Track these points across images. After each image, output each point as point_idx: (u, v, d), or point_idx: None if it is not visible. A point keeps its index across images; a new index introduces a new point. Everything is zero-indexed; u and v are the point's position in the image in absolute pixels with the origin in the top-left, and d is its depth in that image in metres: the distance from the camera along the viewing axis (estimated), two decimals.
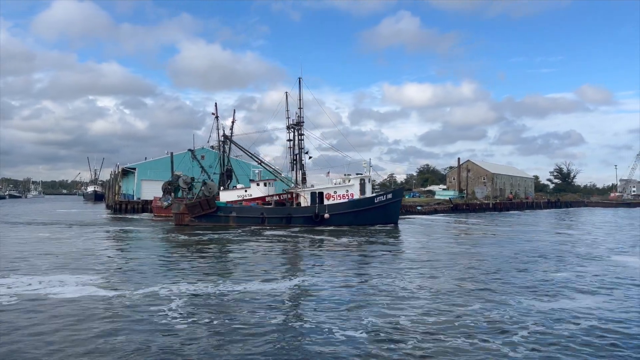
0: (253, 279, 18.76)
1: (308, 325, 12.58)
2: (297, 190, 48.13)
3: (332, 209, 44.60)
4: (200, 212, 44.63)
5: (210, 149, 70.32)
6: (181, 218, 44.88)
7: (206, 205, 45.22)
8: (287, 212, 45.42)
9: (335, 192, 46.43)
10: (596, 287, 17.61)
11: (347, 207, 45.36)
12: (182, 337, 11.51)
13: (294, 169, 51.20)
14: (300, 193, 47.59)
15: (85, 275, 18.95)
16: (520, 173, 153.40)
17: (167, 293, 15.93)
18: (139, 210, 71.92)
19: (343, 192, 46.16)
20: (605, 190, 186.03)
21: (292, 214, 45.23)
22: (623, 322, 13.00)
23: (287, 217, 44.92)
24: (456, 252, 27.90)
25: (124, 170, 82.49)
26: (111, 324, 12.50)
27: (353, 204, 45.66)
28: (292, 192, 50.43)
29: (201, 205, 45.10)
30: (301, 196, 47.21)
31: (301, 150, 50.37)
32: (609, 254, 27.72)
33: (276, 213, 45.48)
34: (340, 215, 44.64)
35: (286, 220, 44.73)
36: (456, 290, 16.92)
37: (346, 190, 46.24)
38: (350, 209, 45.29)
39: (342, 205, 45.37)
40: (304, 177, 50.83)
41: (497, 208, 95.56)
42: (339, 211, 44.78)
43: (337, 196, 46.11)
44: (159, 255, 26.17)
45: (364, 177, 47.10)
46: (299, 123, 50.38)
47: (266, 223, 44.22)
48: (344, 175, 49.26)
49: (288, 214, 45.23)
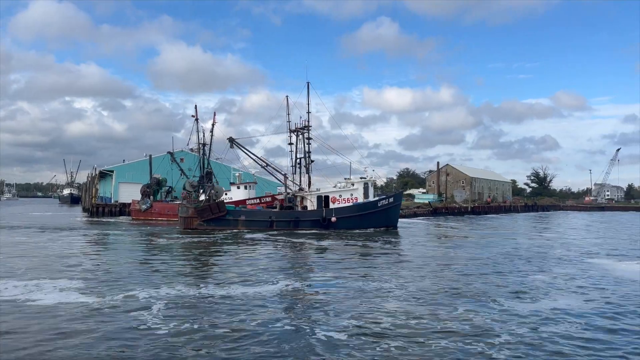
0: (237, 282, 18.57)
1: (288, 327, 12.50)
2: (303, 194, 48.42)
3: (338, 213, 45.13)
4: (210, 215, 44.40)
5: (190, 152, 69.54)
6: (190, 222, 44.46)
7: (216, 208, 44.85)
8: (295, 216, 45.74)
9: (341, 195, 47.08)
10: (574, 289, 17.91)
11: (353, 211, 45.98)
12: (162, 342, 11.30)
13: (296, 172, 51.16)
14: (306, 197, 47.99)
15: (63, 280, 18.51)
16: (498, 177, 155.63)
17: (147, 297, 15.66)
18: (116, 214, 70.74)
19: (347, 196, 46.93)
20: (580, 194, 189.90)
21: (300, 218, 45.54)
22: (602, 322, 13.23)
23: (295, 220, 45.24)
24: (437, 255, 28.10)
25: (101, 172, 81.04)
26: (90, 329, 12.22)
27: (358, 207, 46.38)
28: (272, 195, 50.26)
29: (211, 208, 44.72)
30: (307, 200, 47.66)
31: (309, 154, 50.62)
32: (585, 256, 28.25)
33: (284, 217, 45.69)
34: (346, 218, 45.19)
35: (294, 223, 44.99)
36: (439, 292, 17.01)
37: (350, 194, 46.99)
38: (356, 213, 45.95)
39: (348, 209, 45.99)
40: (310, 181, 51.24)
41: (476, 211, 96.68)
42: (345, 215, 45.28)
43: (342, 200, 46.75)
44: (139, 259, 25.73)
45: (367, 181, 47.84)
46: (306, 127, 50.26)
47: (274, 227, 44.40)
48: (344, 179, 50.03)
49: (296, 218, 45.52)
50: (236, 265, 23.71)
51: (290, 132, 51.16)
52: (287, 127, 52.28)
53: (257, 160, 49.49)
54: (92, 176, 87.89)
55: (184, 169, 68.15)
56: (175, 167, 67.22)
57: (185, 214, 44.94)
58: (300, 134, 50.09)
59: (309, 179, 50.41)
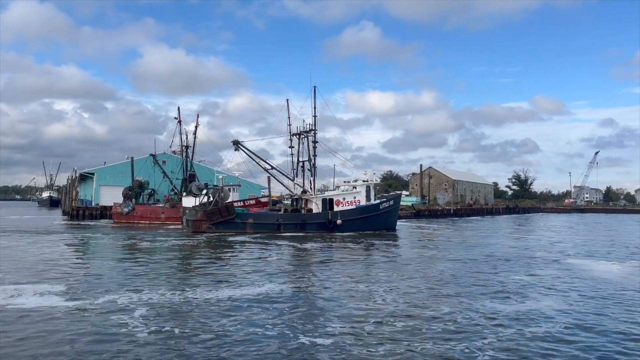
0: (223, 285, 18.44)
1: (271, 332, 12.45)
2: (308, 197, 48.83)
3: (343, 215, 45.70)
4: (219, 218, 44.19)
5: (172, 154, 68.90)
6: (199, 225, 44.06)
7: (225, 211, 44.68)
8: (301, 219, 46.26)
9: (344, 198, 47.66)
10: (556, 290, 18.20)
11: (357, 213, 46.67)
12: (143, 346, 11.16)
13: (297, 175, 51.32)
14: (311, 199, 48.52)
15: (44, 285, 18.17)
16: (480, 180, 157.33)
17: (128, 301, 15.46)
18: (97, 217, 69.70)
19: (351, 199, 47.56)
20: (560, 196, 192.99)
21: (307, 220, 46.02)
22: (582, 322, 13.45)
23: (302, 223, 45.74)
24: (421, 258, 28.28)
25: (81, 175, 79.78)
26: (71, 334, 12.02)
27: (362, 210, 47.10)
28: (256, 198, 50.12)
29: (220, 212, 44.50)
30: (312, 202, 48.12)
31: (314, 157, 50.99)
32: (565, 257, 28.71)
33: (291, 219, 46.27)
34: (350, 221, 45.80)
35: (300, 226, 45.43)
36: (424, 294, 17.11)
37: (353, 197, 47.66)
38: (359, 215, 46.70)
39: (352, 211, 46.68)
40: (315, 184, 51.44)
41: (458, 214, 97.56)
42: (349, 217, 45.95)
43: (346, 202, 47.40)
44: (120, 263, 25.39)
45: (369, 184, 48.58)
46: (311, 130, 50.43)
47: (282, 229, 44.63)
48: (344, 182, 50.67)
49: (302, 220, 46.03)
50: (223, 268, 23.55)
51: (293, 135, 51.49)
52: (288, 130, 52.92)
53: (260, 163, 49.42)
54: (72, 179, 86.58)
55: (167, 172, 67.47)
56: (157, 169, 66.48)
57: (194, 217, 44.55)
58: (305, 136, 50.45)
59: (314, 182, 50.87)
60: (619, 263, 26.57)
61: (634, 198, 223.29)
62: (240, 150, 47.55)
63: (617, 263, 26.56)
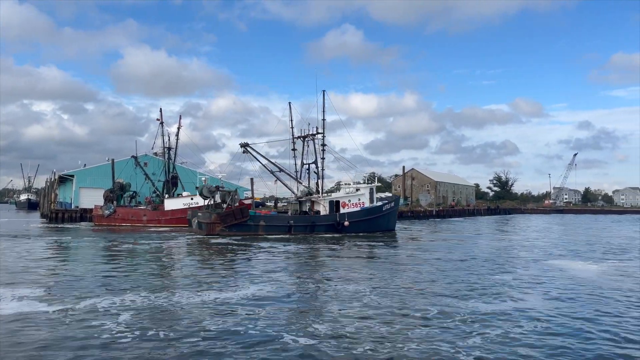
0: (210, 288, 18.35)
1: (255, 332, 12.40)
2: (317, 199, 49.52)
3: (350, 217, 46.68)
4: (233, 221, 44.25)
5: (154, 156, 68.15)
6: (212, 228, 44.01)
7: (239, 214, 44.82)
8: (311, 221, 47.01)
9: (350, 200, 48.61)
10: (536, 289, 18.49)
11: (362, 215, 47.82)
12: (126, 351, 11.06)
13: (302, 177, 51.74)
14: (319, 201, 49.27)
15: (22, 289, 17.84)
16: (461, 181, 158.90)
17: (110, 305, 15.27)
18: (77, 219, 68.67)
19: (355, 201, 48.60)
20: (540, 197, 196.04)
21: (316, 222, 46.79)
22: (566, 321, 13.69)
23: (311, 225, 46.49)
24: (406, 258, 28.48)
25: (61, 177, 78.53)
26: (51, 339, 11.83)
27: (367, 211, 48.25)
28: (240, 200, 49.94)
29: (234, 214, 44.58)
30: (320, 204, 48.94)
31: (322, 160, 51.59)
32: (545, 257, 29.20)
33: (301, 221, 47.03)
34: (356, 222, 46.83)
35: (310, 228, 46.17)
36: (408, 295, 17.24)
37: (358, 199, 48.73)
38: (365, 217, 47.87)
39: (358, 213, 47.76)
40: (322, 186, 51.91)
41: (440, 215, 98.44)
42: (355, 219, 46.97)
43: (351, 204, 48.35)
44: (101, 266, 25.06)
45: (372, 187, 49.99)
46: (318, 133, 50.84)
47: (292, 231, 45.28)
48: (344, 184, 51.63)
49: (312, 222, 46.78)
50: (212, 271, 23.43)
51: (298, 138, 51.94)
52: (291, 133, 53.45)
53: (266, 166, 49.55)
54: (51, 181, 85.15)
55: (148, 174, 66.76)
56: (139, 171, 65.68)
57: (208, 220, 44.60)
58: (310, 139, 50.88)
59: (322, 184, 51.46)
60: (595, 263, 27.17)
61: (611, 199, 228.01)
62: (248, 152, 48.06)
63: (593, 263, 27.16)
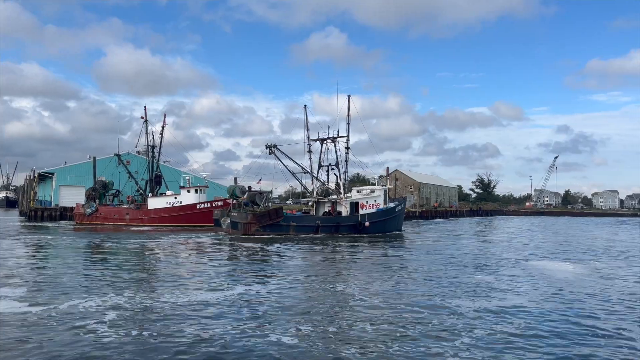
0: (201, 288, 18.23)
1: (248, 332, 12.36)
2: (338, 200, 50.83)
3: (370, 218, 48.39)
4: (268, 221, 45.18)
5: (137, 154, 67.32)
6: (248, 228, 44.58)
7: (274, 214, 45.96)
8: (336, 221, 48.49)
9: (367, 202, 50.38)
10: (518, 289, 18.72)
11: (379, 216, 49.81)
12: (109, 352, 10.96)
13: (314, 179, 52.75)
14: (341, 202, 50.76)
15: (3, 289, 17.53)
16: (444, 182, 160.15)
17: (92, 306, 15.07)
18: (57, 218, 67.64)
19: (372, 202, 50.50)
20: (521, 199, 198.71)
21: (340, 223, 48.23)
22: (550, 318, 13.86)
23: (336, 225, 47.86)
24: (391, 260, 28.64)
25: (40, 175, 77.22)
26: (33, 340, 11.65)
27: (383, 212, 50.33)
28: (224, 199, 50.03)
29: (269, 215, 45.58)
30: (342, 205, 50.41)
31: (346, 163, 53.05)
32: (526, 258, 29.65)
33: (327, 222, 48.43)
34: (374, 223, 48.55)
35: (335, 228, 47.52)
36: (397, 295, 17.34)
37: (374, 200, 50.70)
38: (381, 218, 49.95)
39: (376, 214, 49.70)
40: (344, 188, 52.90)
41: (424, 216, 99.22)
42: (374, 220, 48.76)
43: (368, 205, 50.17)
44: (84, 266, 24.73)
45: (386, 188, 52.55)
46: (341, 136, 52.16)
47: (319, 231, 46.54)
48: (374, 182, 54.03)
49: (337, 223, 48.20)
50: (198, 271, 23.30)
51: (315, 141, 53.37)
52: (306, 135, 55.23)
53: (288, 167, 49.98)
54: (30, 178, 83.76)
55: (131, 172, 66.01)
56: (122, 169, 64.86)
57: (245, 220, 45.06)
58: (331, 142, 52.09)
59: (345, 186, 52.62)
60: (573, 263, 27.72)
61: (590, 201, 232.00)
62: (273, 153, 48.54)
63: (571, 263, 27.71)
